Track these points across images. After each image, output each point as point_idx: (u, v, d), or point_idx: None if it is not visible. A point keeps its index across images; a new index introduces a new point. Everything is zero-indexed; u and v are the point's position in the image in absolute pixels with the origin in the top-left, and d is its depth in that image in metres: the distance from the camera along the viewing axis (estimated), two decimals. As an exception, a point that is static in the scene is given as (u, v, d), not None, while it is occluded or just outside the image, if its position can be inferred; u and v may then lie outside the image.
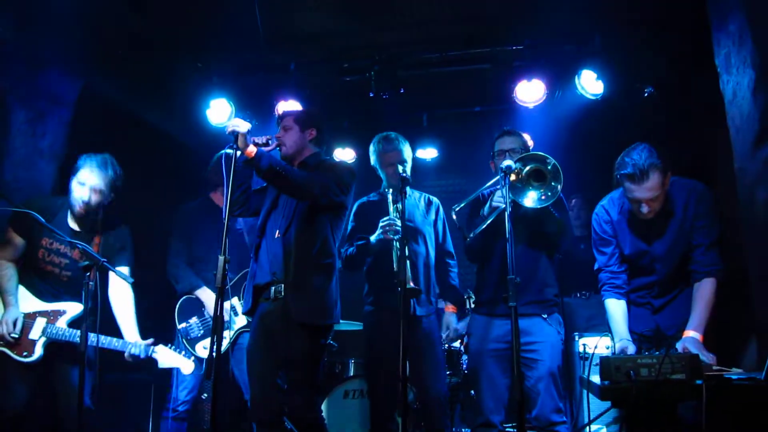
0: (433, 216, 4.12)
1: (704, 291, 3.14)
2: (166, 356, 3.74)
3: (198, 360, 4.11)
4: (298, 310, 3.20)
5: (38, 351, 3.58)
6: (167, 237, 4.47)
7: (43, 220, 3.29)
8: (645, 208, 3.15)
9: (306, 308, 3.22)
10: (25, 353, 3.56)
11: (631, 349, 3.11)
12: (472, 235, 3.40)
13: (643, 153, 3.09)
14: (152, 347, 3.73)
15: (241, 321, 4.23)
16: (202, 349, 4.17)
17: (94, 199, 3.66)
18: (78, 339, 3.50)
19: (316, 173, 3.35)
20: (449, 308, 4.14)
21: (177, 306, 4.28)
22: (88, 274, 3.17)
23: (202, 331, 4.19)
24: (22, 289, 3.66)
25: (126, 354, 3.68)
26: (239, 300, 4.23)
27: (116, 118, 5.40)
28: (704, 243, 3.19)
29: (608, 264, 3.42)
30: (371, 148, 4.15)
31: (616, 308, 3.32)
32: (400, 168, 3.64)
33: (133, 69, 5.31)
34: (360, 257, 3.95)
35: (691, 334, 3.04)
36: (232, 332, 4.20)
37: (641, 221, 3.28)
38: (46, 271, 3.68)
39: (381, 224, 3.70)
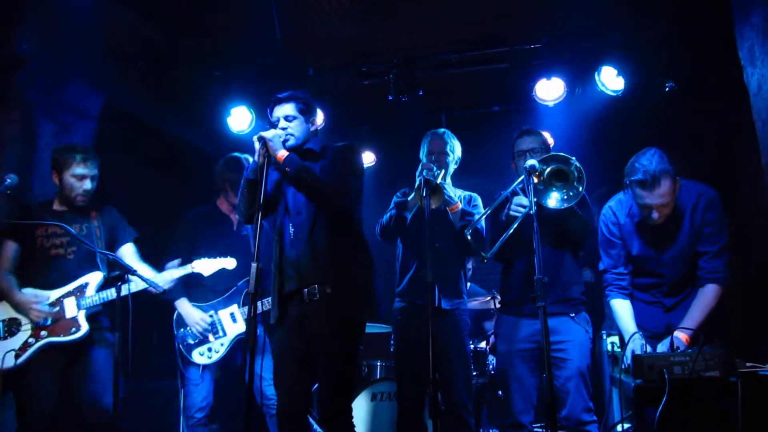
0: (468, 210, 4.04)
1: (705, 296, 3.13)
2: (206, 265, 3.91)
3: (196, 366, 4.15)
4: (339, 308, 3.12)
5: (83, 324, 3.62)
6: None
7: (74, 232, 3.35)
8: (656, 215, 3.13)
9: (350, 305, 3.15)
10: (73, 329, 3.60)
11: (640, 341, 3.08)
12: (495, 249, 3.30)
13: (654, 158, 3.07)
14: (188, 264, 3.88)
15: (239, 328, 4.21)
16: (198, 355, 4.18)
17: (93, 184, 3.78)
18: (114, 296, 3.46)
19: (334, 174, 3.24)
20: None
21: (174, 314, 4.28)
22: (120, 284, 3.22)
23: (198, 338, 4.20)
24: (33, 290, 3.67)
25: (167, 282, 3.81)
26: (239, 307, 4.25)
27: (139, 129, 5.48)
28: (711, 250, 3.18)
29: (615, 266, 3.42)
30: (422, 141, 4.13)
31: (623, 307, 3.32)
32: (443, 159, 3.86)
33: (153, 80, 5.40)
34: (398, 219, 3.86)
35: (676, 333, 3.01)
36: (229, 339, 4.21)
37: (650, 225, 3.26)
38: (51, 255, 3.71)
39: (418, 172, 3.69)
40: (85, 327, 3.62)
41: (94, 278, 3.75)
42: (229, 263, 4.06)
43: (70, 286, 3.71)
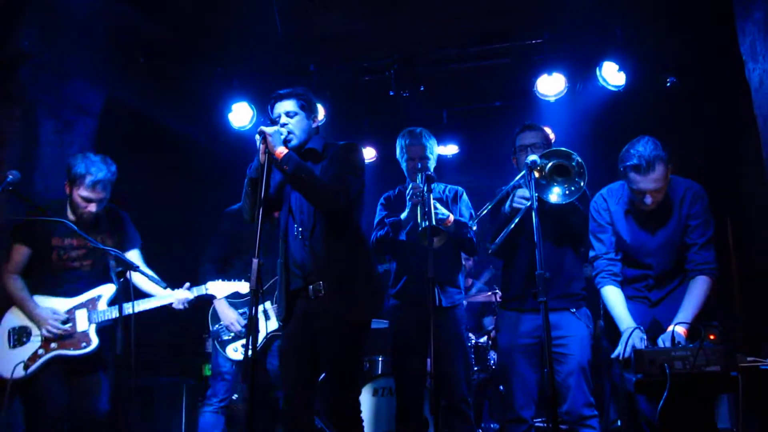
0: (457, 204, 4.05)
1: (696, 288, 3.15)
2: (221, 287, 3.91)
3: (230, 362, 4.20)
4: (340, 308, 3.12)
5: (94, 339, 3.62)
6: (196, 239, 4.49)
7: (77, 228, 3.33)
8: (649, 200, 3.15)
9: (351, 305, 3.15)
10: (83, 344, 3.60)
11: (641, 335, 3.06)
12: (498, 240, 3.34)
13: (648, 145, 3.10)
14: (203, 286, 3.86)
15: (272, 325, 4.24)
16: (233, 351, 4.22)
17: (100, 207, 3.66)
18: (125, 313, 3.38)
19: (333, 174, 3.22)
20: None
21: (210, 309, 4.35)
22: (122, 279, 3.21)
23: (232, 334, 4.25)
24: (45, 297, 3.64)
25: (176, 303, 3.79)
26: (272, 304, 4.24)
27: (140, 125, 5.49)
28: (698, 242, 3.21)
29: (606, 251, 3.40)
30: (397, 141, 4.11)
31: (616, 295, 3.30)
32: (425, 163, 3.74)
33: (155, 76, 5.39)
34: (391, 237, 3.86)
35: (675, 328, 2.99)
36: (262, 336, 4.23)
37: (640, 214, 3.28)
38: (67, 267, 3.68)
39: (408, 194, 3.67)
40: (95, 342, 3.62)
41: (107, 291, 3.73)
42: (243, 287, 4.04)
43: (83, 297, 3.70)
